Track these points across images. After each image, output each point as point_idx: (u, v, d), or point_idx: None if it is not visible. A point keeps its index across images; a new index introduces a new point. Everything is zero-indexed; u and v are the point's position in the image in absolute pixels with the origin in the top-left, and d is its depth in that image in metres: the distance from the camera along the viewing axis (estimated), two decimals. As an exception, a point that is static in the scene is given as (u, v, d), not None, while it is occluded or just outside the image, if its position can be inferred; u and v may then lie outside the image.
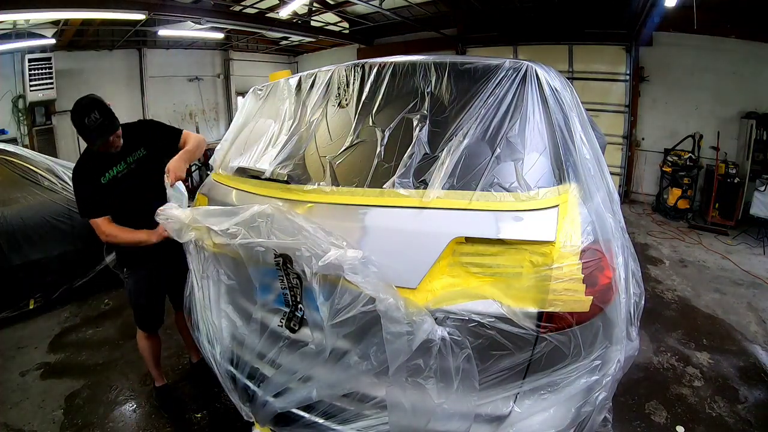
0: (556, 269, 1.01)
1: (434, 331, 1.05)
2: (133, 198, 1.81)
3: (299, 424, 1.30)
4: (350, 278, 1.06)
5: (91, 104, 1.64)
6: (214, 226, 1.30)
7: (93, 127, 1.62)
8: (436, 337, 1.05)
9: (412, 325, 1.04)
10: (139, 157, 1.86)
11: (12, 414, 2.14)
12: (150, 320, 2.05)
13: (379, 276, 1.07)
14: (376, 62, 1.45)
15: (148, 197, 1.77)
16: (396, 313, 1.03)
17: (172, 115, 8.77)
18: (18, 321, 2.99)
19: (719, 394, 2.19)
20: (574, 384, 1.10)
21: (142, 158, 1.86)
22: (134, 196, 1.81)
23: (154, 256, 1.88)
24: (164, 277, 2.00)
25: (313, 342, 1.24)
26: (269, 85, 1.86)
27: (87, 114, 1.61)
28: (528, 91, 1.20)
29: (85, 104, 1.64)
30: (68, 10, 4.59)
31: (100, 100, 1.66)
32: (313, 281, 1.15)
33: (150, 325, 2.05)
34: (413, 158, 1.20)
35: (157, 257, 1.90)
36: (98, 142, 1.66)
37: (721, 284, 3.52)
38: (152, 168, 1.84)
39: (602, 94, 6.26)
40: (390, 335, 1.04)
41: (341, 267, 1.06)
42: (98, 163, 1.77)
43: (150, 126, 1.99)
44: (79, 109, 1.63)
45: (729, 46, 5.10)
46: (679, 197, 5.30)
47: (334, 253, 1.08)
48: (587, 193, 1.16)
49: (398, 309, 1.03)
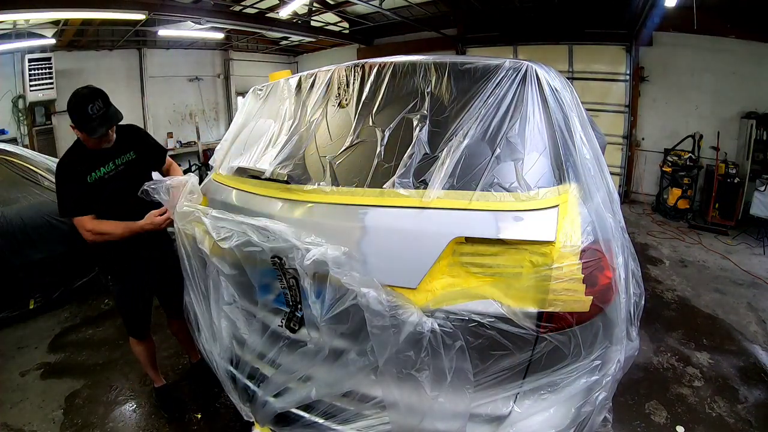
0: (556, 269, 1.01)
1: (422, 323, 1.06)
2: (117, 201, 1.74)
3: (299, 424, 1.30)
4: (334, 273, 1.08)
5: (94, 93, 1.61)
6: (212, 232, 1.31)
7: (96, 116, 1.59)
8: (425, 329, 1.05)
9: (396, 317, 1.05)
10: (128, 160, 1.81)
11: (12, 414, 2.15)
12: (139, 327, 2.01)
13: (362, 271, 1.09)
14: (376, 62, 1.45)
15: (131, 202, 1.72)
16: (378, 306, 1.04)
17: (172, 115, 8.78)
18: (18, 321, 2.99)
19: (719, 394, 2.19)
20: (574, 384, 1.10)
21: (131, 161, 1.81)
22: (118, 199, 1.74)
23: (140, 262, 1.86)
24: (151, 284, 1.97)
25: (311, 341, 1.24)
26: (269, 85, 1.86)
27: (90, 102, 1.58)
28: (528, 91, 1.20)
29: (87, 93, 1.60)
30: (68, 10, 4.59)
31: (101, 90, 1.63)
32: (305, 280, 1.16)
33: (139, 331, 2.02)
34: (413, 158, 1.20)
35: (143, 263, 1.87)
36: (100, 131, 1.61)
37: (721, 284, 3.52)
38: (139, 173, 1.79)
39: (602, 94, 6.25)
40: (375, 329, 1.06)
41: (325, 263, 1.09)
42: (85, 161, 1.70)
43: (140, 132, 1.96)
44: (81, 98, 1.58)
45: (729, 46, 5.10)
46: (679, 197, 5.30)
47: (317, 251, 1.11)
48: (587, 193, 1.16)
49: (380, 302, 1.04)
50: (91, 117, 1.58)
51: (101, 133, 1.63)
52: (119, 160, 1.78)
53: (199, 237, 1.43)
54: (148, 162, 1.90)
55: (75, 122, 1.62)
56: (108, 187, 1.72)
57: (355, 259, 1.11)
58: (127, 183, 1.76)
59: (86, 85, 1.64)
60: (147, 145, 1.92)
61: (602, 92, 6.25)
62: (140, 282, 1.92)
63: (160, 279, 1.97)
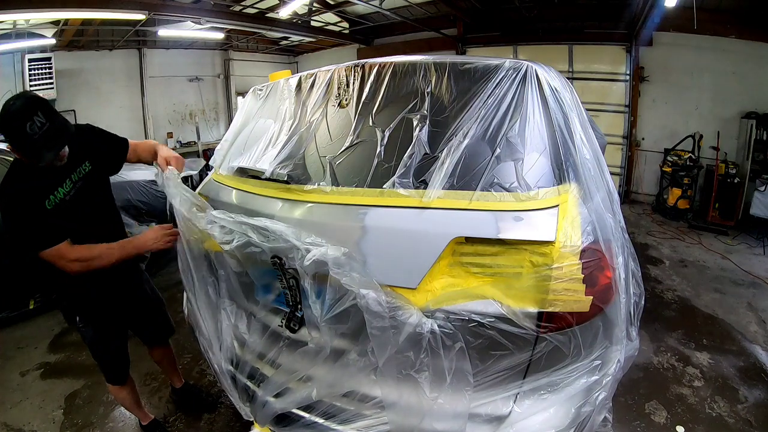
0: (556, 269, 1.01)
1: (422, 324, 1.06)
2: (85, 225, 1.43)
3: (299, 424, 1.30)
4: (334, 273, 1.08)
5: (31, 105, 1.22)
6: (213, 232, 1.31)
7: (39, 134, 1.21)
8: (424, 330, 1.06)
9: (396, 318, 1.05)
10: (85, 173, 1.46)
11: (12, 414, 2.15)
12: (119, 371, 1.74)
13: (362, 272, 1.09)
14: (376, 62, 1.45)
15: (100, 221, 1.47)
16: (377, 308, 1.05)
17: (172, 115, 8.78)
18: (18, 321, 2.99)
19: (719, 394, 2.19)
20: (574, 384, 1.10)
21: (88, 174, 1.47)
22: (86, 222, 1.43)
23: (114, 293, 1.57)
24: (127, 317, 1.72)
25: (311, 341, 1.24)
26: (269, 85, 1.86)
27: (27, 118, 1.19)
28: (528, 91, 1.20)
29: (20, 107, 1.20)
30: (68, 10, 4.59)
31: (41, 99, 1.26)
32: (305, 280, 1.16)
33: (121, 376, 1.75)
34: (413, 158, 1.20)
35: (117, 294, 1.60)
36: (48, 157, 1.26)
37: (721, 284, 3.52)
38: (99, 185, 1.53)
39: (602, 94, 6.26)
40: (374, 330, 1.06)
41: (325, 263, 1.09)
42: (36, 184, 1.32)
43: (91, 133, 1.59)
44: (12, 115, 1.19)
45: (729, 46, 5.10)
46: (679, 197, 5.30)
47: (317, 251, 1.11)
48: (587, 193, 1.16)
49: (379, 304, 1.05)
50: (31, 138, 1.21)
51: (50, 158, 1.28)
52: (75, 175, 1.44)
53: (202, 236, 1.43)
54: (106, 167, 1.59)
55: (13, 147, 1.26)
56: (71, 212, 1.40)
57: (355, 260, 1.11)
58: (90, 201, 1.47)
59: (17, 95, 1.26)
60: (101, 146, 1.57)
61: (602, 92, 6.25)
62: (117, 320, 1.64)
63: (137, 308, 1.73)
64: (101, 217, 1.51)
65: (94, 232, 1.43)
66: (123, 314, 1.68)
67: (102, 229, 1.48)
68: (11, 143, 1.24)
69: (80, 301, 1.53)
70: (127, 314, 1.72)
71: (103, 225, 1.48)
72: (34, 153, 1.24)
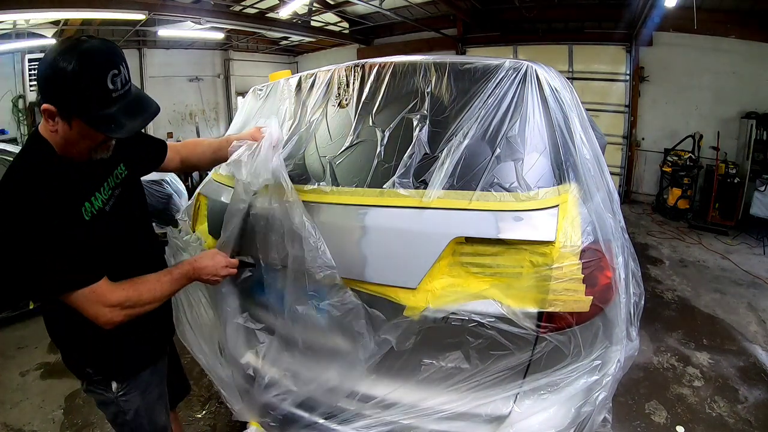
0: (556, 269, 1.01)
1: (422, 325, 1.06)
2: (124, 244, 1.04)
3: (299, 424, 1.30)
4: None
5: (113, 49, 0.84)
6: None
7: (120, 93, 0.83)
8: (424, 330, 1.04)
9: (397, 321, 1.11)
10: (123, 179, 1.09)
11: (12, 414, 2.15)
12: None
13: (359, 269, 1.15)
14: (376, 62, 1.44)
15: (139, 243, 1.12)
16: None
17: (172, 116, 8.78)
18: (18, 321, 2.98)
19: (719, 394, 2.19)
20: (574, 384, 1.10)
21: (125, 179, 1.10)
22: (124, 245, 1.04)
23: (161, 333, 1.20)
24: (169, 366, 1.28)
25: (310, 340, 1.24)
26: (269, 85, 1.86)
27: (112, 65, 0.81)
28: (528, 91, 1.20)
29: (102, 48, 0.81)
30: (68, 10, 4.60)
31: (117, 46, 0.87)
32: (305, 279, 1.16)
33: None
34: (413, 158, 1.20)
35: (165, 335, 1.23)
36: (131, 127, 0.86)
37: (721, 284, 3.52)
38: (137, 196, 1.17)
39: (602, 94, 6.26)
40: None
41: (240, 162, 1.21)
42: (69, 185, 0.89)
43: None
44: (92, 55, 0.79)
45: (729, 46, 5.10)
46: (679, 197, 5.30)
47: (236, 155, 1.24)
48: (587, 193, 1.16)
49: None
50: (114, 96, 0.82)
51: (134, 129, 0.87)
52: (113, 180, 1.05)
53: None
54: (141, 172, 1.21)
55: (78, 110, 0.81)
56: (111, 226, 0.99)
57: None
58: (129, 214, 1.10)
59: (87, 35, 0.87)
60: (136, 147, 1.16)
61: (602, 92, 6.26)
62: (163, 370, 1.21)
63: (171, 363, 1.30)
64: (140, 238, 1.13)
65: (131, 259, 1.06)
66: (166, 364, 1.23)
67: (141, 255, 1.11)
68: (71, 102, 0.80)
69: (114, 361, 1.05)
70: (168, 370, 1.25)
71: (141, 249, 1.11)
72: (111, 120, 0.82)
